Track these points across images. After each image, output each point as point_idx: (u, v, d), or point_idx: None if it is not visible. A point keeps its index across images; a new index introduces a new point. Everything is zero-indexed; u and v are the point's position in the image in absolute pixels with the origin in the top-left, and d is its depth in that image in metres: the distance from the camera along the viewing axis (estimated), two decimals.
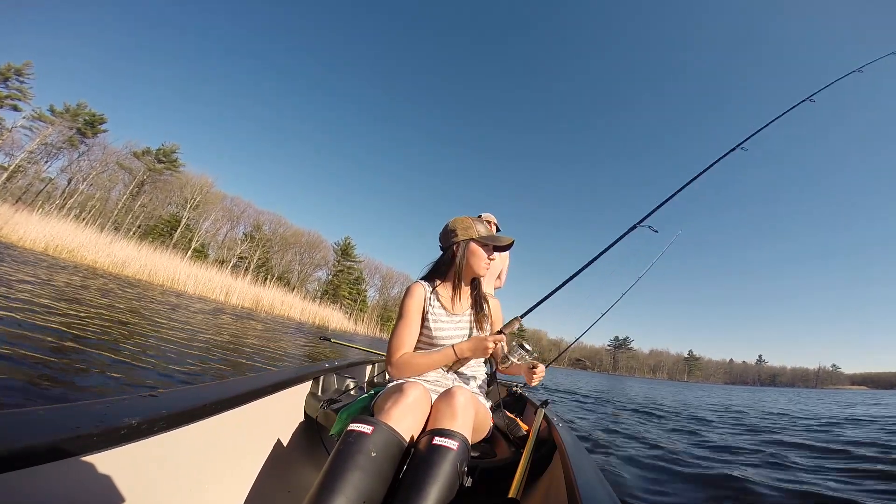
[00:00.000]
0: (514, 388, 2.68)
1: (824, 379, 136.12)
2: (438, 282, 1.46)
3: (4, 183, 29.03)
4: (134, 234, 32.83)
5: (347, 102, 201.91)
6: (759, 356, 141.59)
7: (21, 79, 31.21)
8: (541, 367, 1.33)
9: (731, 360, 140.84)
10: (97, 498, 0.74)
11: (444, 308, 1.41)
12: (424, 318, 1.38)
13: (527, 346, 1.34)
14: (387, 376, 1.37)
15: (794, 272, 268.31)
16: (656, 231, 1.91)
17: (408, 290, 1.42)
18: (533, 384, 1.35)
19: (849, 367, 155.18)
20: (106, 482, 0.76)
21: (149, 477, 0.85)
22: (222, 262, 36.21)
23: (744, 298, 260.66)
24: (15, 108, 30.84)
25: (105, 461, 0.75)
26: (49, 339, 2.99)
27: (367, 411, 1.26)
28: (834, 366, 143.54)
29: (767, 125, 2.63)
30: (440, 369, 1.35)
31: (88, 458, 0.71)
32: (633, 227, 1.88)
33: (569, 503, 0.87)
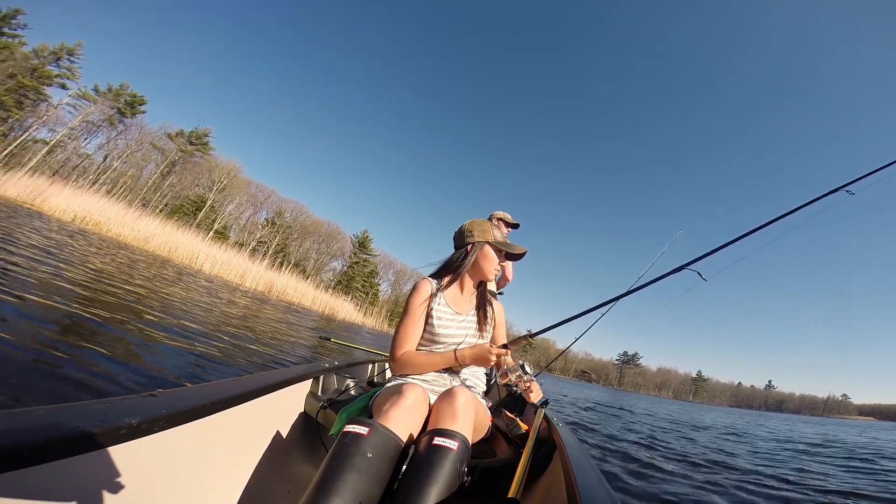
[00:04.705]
0: (514, 389, 2.62)
1: (832, 408, 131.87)
2: (447, 280, 1.46)
3: (44, 157, 30.70)
4: (161, 211, 34.09)
5: (378, 102, 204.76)
6: (769, 381, 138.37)
7: (72, 58, 32.85)
8: (536, 388, 1.37)
9: (740, 383, 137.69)
10: (97, 496, 0.75)
11: (450, 306, 1.41)
12: (429, 316, 1.38)
13: (528, 370, 1.32)
14: (387, 375, 1.36)
15: (820, 302, 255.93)
16: (705, 280, 1.64)
17: (415, 286, 1.42)
18: (531, 401, 1.37)
19: (859, 398, 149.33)
20: (106, 481, 0.76)
21: (148, 475, 0.85)
22: (242, 245, 37.25)
23: (761, 324, 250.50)
24: (63, 87, 32.50)
25: (105, 460, 0.75)
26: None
27: (367, 411, 1.28)
28: (844, 395, 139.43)
29: (889, 165, 1.95)
30: (437, 370, 1.36)
31: (88, 458, 0.71)
32: (680, 268, 1.64)
33: (569, 503, 0.87)
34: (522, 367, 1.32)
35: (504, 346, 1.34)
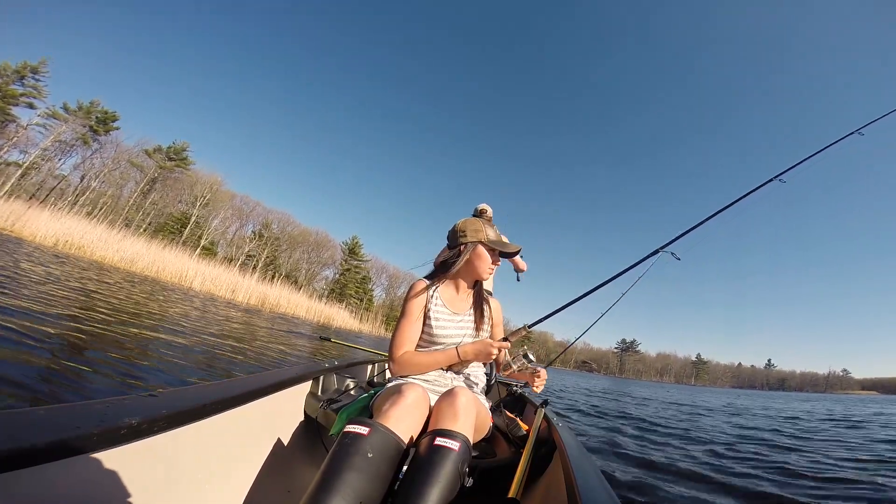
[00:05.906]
0: (514, 388, 2.66)
1: (834, 384, 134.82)
2: (442, 280, 1.45)
3: (19, 180, 29.60)
4: (144, 231, 33.25)
5: (360, 103, 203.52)
6: (769, 360, 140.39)
7: (36, 77, 31.72)
8: (543, 374, 1.33)
9: (740, 363, 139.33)
10: (97, 497, 0.74)
11: (447, 307, 1.41)
12: (426, 316, 1.37)
13: (531, 356, 1.32)
14: (387, 375, 1.38)
15: (810, 276, 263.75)
16: (679, 259, 1.84)
17: (411, 287, 1.42)
18: (537, 390, 1.33)
19: (860, 373, 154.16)
20: (106, 481, 0.75)
21: (149, 476, 0.85)
22: (231, 260, 36.52)
23: (756, 302, 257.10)
24: (30, 106, 31.38)
25: (105, 460, 0.75)
26: None
27: (367, 411, 1.28)
28: (844, 370, 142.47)
29: (812, 156, 2.41)
30: (439, 368, 1.35)
31: (88, 458, 0.71)
32: (656, 252, 1.82)
33: (569, 503, 0.87)
34: (525, 355, 1.32)
35: (505, 339, 1.34)
